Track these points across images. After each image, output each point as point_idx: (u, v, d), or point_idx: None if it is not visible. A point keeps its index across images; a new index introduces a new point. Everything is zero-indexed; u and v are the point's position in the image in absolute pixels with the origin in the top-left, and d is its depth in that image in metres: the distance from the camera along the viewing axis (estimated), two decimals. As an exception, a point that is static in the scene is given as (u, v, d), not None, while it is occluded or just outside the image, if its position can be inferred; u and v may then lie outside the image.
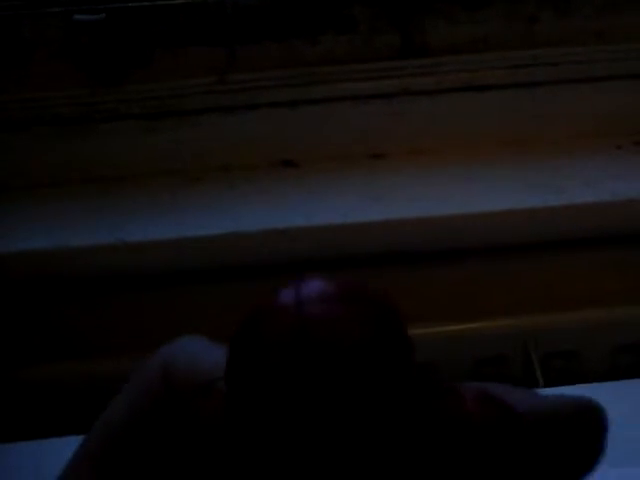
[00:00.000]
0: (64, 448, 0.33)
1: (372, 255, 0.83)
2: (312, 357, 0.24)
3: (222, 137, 0.90)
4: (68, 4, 0.90)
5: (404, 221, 0.82)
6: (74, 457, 0.31)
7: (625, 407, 0.68)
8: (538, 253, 0.85)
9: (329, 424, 0.24)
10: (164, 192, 0.86)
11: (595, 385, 0.76)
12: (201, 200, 0.85)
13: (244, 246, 0.81)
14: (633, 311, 0.86)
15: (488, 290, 0.86)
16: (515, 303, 0.87)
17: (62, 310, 0.81)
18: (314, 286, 0.27)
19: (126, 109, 0.88)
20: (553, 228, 0.84)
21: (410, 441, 0.26)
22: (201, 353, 0.30)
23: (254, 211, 0.83)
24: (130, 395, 0.31)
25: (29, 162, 0.88)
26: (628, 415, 0.67)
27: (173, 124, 0.89)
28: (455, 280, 0.86)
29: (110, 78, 0.90)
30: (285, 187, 0.87)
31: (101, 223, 0.80)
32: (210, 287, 0.83)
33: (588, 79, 0.90)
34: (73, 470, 0.31)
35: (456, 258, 0.84)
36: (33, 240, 0.79)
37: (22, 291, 0.81)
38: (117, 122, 0.88)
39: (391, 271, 0.83)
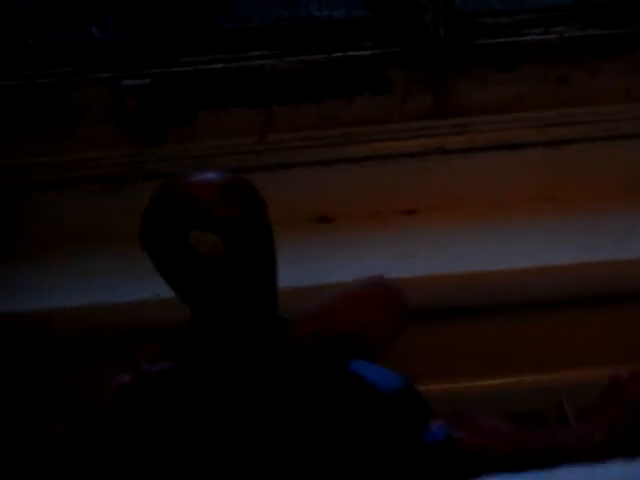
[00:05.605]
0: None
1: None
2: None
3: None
4: (115, 70, 0.94)
5: (436, 277, 0.83)
6: None
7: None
8: (573, 309, 0.85)
9: None
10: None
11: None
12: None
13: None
14: (670, 368, 0.85)
15: (522, 346, 0.86)
16: (550, 359, 0.86)
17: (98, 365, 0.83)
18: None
19: (167, 168, 0.90)
20: (587, 284, 0.84)
21: None
22: None
23: (289, 269, 0.84)
24: None
25: (73, 219, 0.91)
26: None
27: (212, 183, 0.92)
28: (488, 336, 0.86)
29: (153, 139, 0.93)
30: (319, 244, 0.89)
31: (140, 279, 0.82)
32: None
33: (617, 137, 0.90)
34: None
35: (489, 314, 0.85)
36: (72, 297, 0.82)
37: (60, 347, 0.83)
38: (158, 181, 0.91)
39: (424, 327, 0.84)
